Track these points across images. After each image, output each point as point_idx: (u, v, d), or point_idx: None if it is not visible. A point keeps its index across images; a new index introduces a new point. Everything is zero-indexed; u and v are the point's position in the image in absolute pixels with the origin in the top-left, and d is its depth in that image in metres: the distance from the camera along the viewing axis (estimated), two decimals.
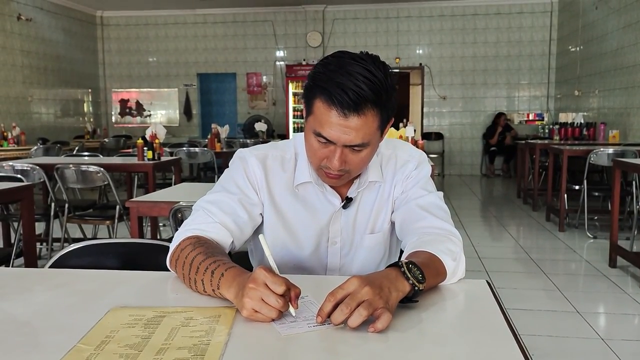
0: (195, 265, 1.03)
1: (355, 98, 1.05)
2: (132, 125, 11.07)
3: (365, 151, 1.13)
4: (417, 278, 0.95)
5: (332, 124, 1.08)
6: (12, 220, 3.94)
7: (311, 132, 1.13)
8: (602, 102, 7.59)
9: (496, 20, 9.87)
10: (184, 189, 2.86)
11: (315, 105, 1.10)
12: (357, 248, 1.31)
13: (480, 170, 10.24)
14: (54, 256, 1.33)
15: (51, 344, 0.82)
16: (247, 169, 1.25)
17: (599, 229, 5.12)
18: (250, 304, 0.89)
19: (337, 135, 1.08)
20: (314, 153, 1.15)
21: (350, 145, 1.10)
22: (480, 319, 0.94)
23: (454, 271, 1.09)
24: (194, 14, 10.59)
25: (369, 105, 1.06)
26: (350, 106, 1.05)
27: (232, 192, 1.23)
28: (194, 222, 1.19)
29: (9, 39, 8.38)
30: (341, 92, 1.05)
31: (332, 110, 1.07)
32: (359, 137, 1.09)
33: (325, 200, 1.27)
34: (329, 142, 1.10)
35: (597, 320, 3.03)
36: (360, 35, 10.22)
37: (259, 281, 0.89)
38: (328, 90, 1.06)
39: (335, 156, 1.11)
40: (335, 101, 1.05)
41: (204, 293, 1.03)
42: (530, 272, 3.93)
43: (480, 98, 10.12)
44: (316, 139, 1.12)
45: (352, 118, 1.06)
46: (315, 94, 1.10)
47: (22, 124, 7.96)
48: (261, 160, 1.26)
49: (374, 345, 0.82)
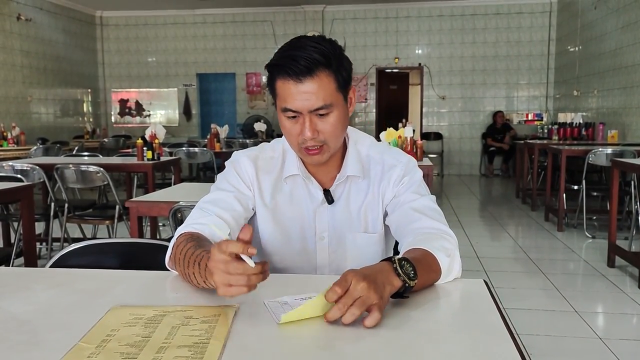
0: (187, 259, 1.05)
1: (306, 63, 1.13)
2: (132, 125, 11.07)
3: (332, 115, 1.18)
4: (408, 275, 0.97)
5: (293, 94, 1.15)
6: (12, 220, 3.95)
7: (281, 114, 1.20)
8: (601, 102, 7.61)
9: (495, 20, 9.89)
10: (183, 189, 2.87)
11: (277, 85, 1.18)
12: (349, 246, 1.32)
13: (479, 170, 10.25)
14: (55, 256, 1.33)
15: (52, 342, 0.83)
16: (239, 169, 1.32)
17: (598, 229, 5.13)
18: (218, 280, 0.88)
19: (299, 103, 1.15)
20: (290, 133, 1.21)
21: (315, 110, 1.16)
22: (477, 318, 0.95)
23: (449, 268, 1.10)
24: (193, 14, 10.59)
25: (321, 67, 1.14)
26: (303, 71, 1.13)
27: (226, 190, 1.29)
28: (191, 218, 1.24)
29: (9, 39, 8.38)
30: (293, 62, 1.13)
31: (289, 81, 1.14)
32: (319, 100, 1.15)
33: (308, 194, 1.31)
34: (296, 113, 1.17)
35: (595, 320, 3.04)
36: (359, 36, 10.23)
37: (215, 257, 0.88)
38: (282, 65, 1.15)
39: (305, 125, 1.17)
40: (290, 72, 1.13)
41: (200, 286, 1.04)
42: (529, 271, 3.94)
43: (479, 98, 10.13)
44: (286, 118, 1.19)
45: (308, 83, 1.14)
46: (274, 75, 1.18)
47: (21, 124, 7.96)
48: (252, 160, 1.32)
49: (371, 344, 0.83)
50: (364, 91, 10.38)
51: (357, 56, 10.26)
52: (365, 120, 10.51)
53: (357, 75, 10.30)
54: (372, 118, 10.47)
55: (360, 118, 10.52)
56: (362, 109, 10.50)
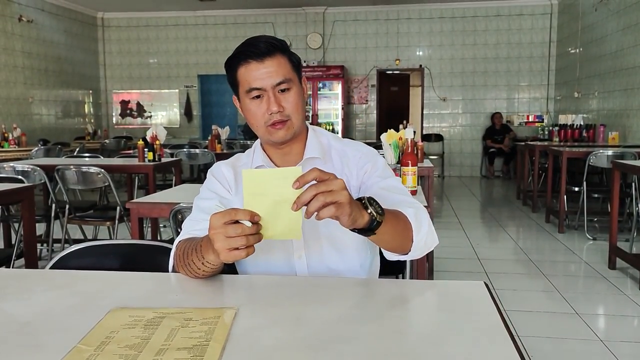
0: (186, 252, 1.14)
1: (266, 46, 1.25)
2: (133, 126, 11.08)
3: (292, 92, 1.28)
4: (376, 210, 1.03)
5: (256, 73, 1.25)
6: (12, 221, 3.95)
7: (246, 98, 1.28)
8: (601, 103, 7.60)
9: (496, 22, 9.88)
10: (184, 190, 2.87)
11: (238, 74, 1.28)
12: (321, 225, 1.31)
13: (480, 171, 10.24)
14: (55, 257, 1.33)
15: (51, 344, 0.83)
16: (218, 175, 1.39)
17: (599, 231, 5.12)
18: (220, 246, 0.98)
19: (263, 80, 1.25)
20: (255, 115, 1.28)
21: (277, 84, 1.26)
22: (477, 321, 0.94)
23: (418, 219, 1.17)
24: (194, 15, 10.60)
25: (278, 51, 1.27)
26: (263, 53, 1.25)
27: (209, 198, 1.35)
28: (185, 229, 1.31)
29: (10, 40, 8.39)
30: (254, 47, 1.25)
31: (251, 63, 1.25)
32: (280, 75, 1.26)
33: None
34: (260, 92, 1.26)
35: (596, 322, 3.03)
36: (360, 37, 10.24)
37: (214, 225, 0.98)
38: (244, 52, 1.26)
39: (271, 100, 1.25)
40: (253, 55, 1.25)
41: (201, 272, 1.12)
42: (530, 273, 3.93)
43: (480, 100, 10.13)
44: (251, 100, 1.27)
45: (268, 61, 1.25)
46: (234, 67, 1.28)
47: (23, 125, 7.97)
48: (231, 165, 1.41)
49: (370, 346, 0.83)
50: (364, 93, 10.38)
51: (358, 58, 10.27)
52: (366, 121, 10.51)
53: (358, 76, 10.31)
54: (372, 120, 10.46)
55: (361, 119, 10.52)
56: (362, 111, 10.50)
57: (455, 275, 3.92)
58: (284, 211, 0.96)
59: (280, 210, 0.97)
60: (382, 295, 1.10)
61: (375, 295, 1.10)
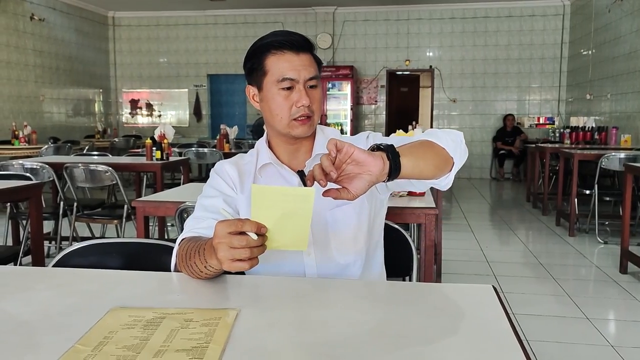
0: (189, 253, 1.12)
1: (303, 41, 1.26)
2: (142, 125, 11.12)
3: (318, 90, 1.29)
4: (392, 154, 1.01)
5: (291, 62, 1.24)
6: (21, 218, 3.96)
7: (274, 88, 1.26)
8: (614, 106, 7.52)
9: (507, 22, 9.81)
10: (191, 189, 2.86)
11: (268, 62, 1.26)
12: (329, 223, 1.33)
13: (489, 173, 10.18)
14: (57, 255, 1.32)
15: (48, 344, 0.81)
16: (222, 174, 1.38)
17: (610, 234, 5.06)
18: (223, 256, 0.96)
19: (298, 71, 1.24)
20: (282, 106, 1.26)
21: (310, 78, 1.26)
22: (485, 325, 0.92)
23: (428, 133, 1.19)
24: (204, 15, 10.62)
25: (310, 50, 1.28)
26: (302, 45, 1.25)
27: (213, 196, 1.33)
28: (188, 227, 1.29)
29: (22, 39, 8.45)
30: (288, 37, 1.25)
31: (286, 53, 1.24)
32: (313, 70, 1.27)
33: (284, 181, 1.35)
34: (292, 83, 1.25)
35: (606, 327, 2.99)
36: (370, 37, 10.20)
37: (219, 234, 0.96)
38: (276, 42, 1.24)
39: (302, 93, 1.25)
40: (287, 44, 1.24)
41: (203, 275, 1.10)
42: (539, 277, 3.89)
43: (491, 101, 10.06)
44: (281, 90, 1.26)
45: (303, 55, 1.26)
46: (263, 55, 1.26)
47: (33, 123, 8.02)
48: (234, 164, 1.40)
49: (375, 350, 0.80)
50: (374, 93, 10.35)
51: (368, 58, 10.24)
52: (375, 122, 10.47)
53: (368, 77, 10.28)
54: (382, 120, 10.43)
55: (370, 120, 10.49)
56: (372, 111, 10.47)
57: (463, 278, 3.88)
58: (291, 223, 0.95)
59: (287, 221, 0.95)
60: (387, 298, 1.08)
61: (381, 298, 1.08)
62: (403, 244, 1.59)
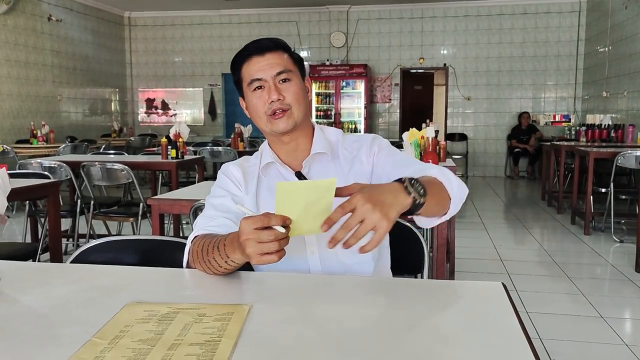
0: (206, 249, 1.14)
1: (267, 43, 1.32)
2: (158, 124, 11.22)
3: (293, 83, 1.32)
4: (418, 192, 1.02)
5: (257, 64, 1.30)
6: (39, 216, 4.03)
7: (248, 92, 1.32)
8: (631, 103, 7.43)
9: (522, 20, 9.73)
10: (205, 187, 2.89)
11: (242, 71, 1.33)
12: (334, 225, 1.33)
13: (504, 171, 10.11)
14: (75, 252, 1.36)
15: (67, 337, 0.84)
16: (228, 174, 1.41)
17: (626, 233, 5.01)
18: (252, 251, 0.98)
19: (264, 71, 1.30)
20: (256, 106, 1.32)
21: (278, 74, 1.30)
22: (493, 321, 0.93)
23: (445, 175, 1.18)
24: (219, 14, 10.68)
25: (280, 48, 1.32)
26: (265, 48, 1.31)
27: (222, 196, 1.36)
28: (199, 226, 1.30)
29: (40, 39, 8.57)
30: (255, 44, 1.32)
31: (253, 57, 1.31)
32: (280, 65, 1.30)
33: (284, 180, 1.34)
34: (261, 82, 1.30)
35: (622, 326, 2.96)
36: (384, 36, 10.19)
37: (246, 231, 0.98)
38: (246, 51, 1.32)
39: (271, 89, 1.29)
40: (253, 49, 1.31)
41: (221, 270, 1.12)
42: (554, 275, 3.86)
43: (505, 99, 9.99)
44: (254, 91, 1.31)
45: (268, 55, 1.30)
46: (238, 67, 1.34)
47: (51, 123, 8.14)
48: (239, 165, 1.43)
49: (384, 346, 0.82)
50: (388, 92, 10.33)
51: (382, 56, 10.22)
52: (389, 120, 10.45)
53: (382, 75, 10.26)
54: (395, 118, 10.41)
55: (384, 118, 10.47)
56: (386, 110, 10.45)
57: (477, 276, 3.87)
58: (313, 211, 0.98)
59: (309, 211, 0.98)
60: (396, 295, 1.09)
61: (390, 295, 1.09)
62: (415, 241, 1.60)
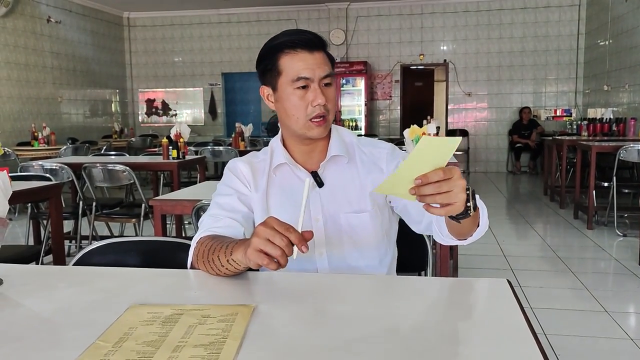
0: (213, 248, 1.13)
1: (316, 38, 1.26)
2: (159, 124, 11.21)
3: (332, 88, 1.28)
4: (474, 206, 1.02)
5: (305, 61, 1.24)
6: (41, 218, 4.03)
7: (289, 87, 1.25)
8: (632, 96, 7.41)
9: (522, 14, 9.71)
10: (207, 187, 2.88)
11: (281, 62, 1.25)
12: (343, 226, 1.33)
13: (506, 167, 10.09)
14: (77, 254, 1.35)
15: (70, 340, 0.84)
16: (235, 172, 1.38)
17: (629, 227, 5.00)
18: (257, 242, 0.97)
19: (313, 70, 1.24)
20: (298, 106, 1.26)
21: (324, 76, 1.25)
22: (499, 319, 0.92)
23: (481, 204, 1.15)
24: (218, 13, 10.67)
25: (324, 48, 1.28)
26: (316, 44, 1.25)
27: (228, 194, 1.34)
28: (205, 226, 1.28)
29: (39, 41, 8.57)
30: (301, 35, 1.24)
31: (299, 52, 1.24)
32: (327, 68, 1.26)
33: (299, 181, 1.34)
34: (308, 82, 1.24)
35: (626, 320, 2.96)
36: (383, 33, 10.16)
37: (268, 224, 0.98)
38: (289, 41, 1.24)
39: (318, 92, 1.24)
40: (300, 43, 1.24)
41: (223, 271, 1.10)
42: (558, 270, 3.86)
43: (506, 94, 9.97)
44: (296, 89, 1.25)
45: (317, 54, 1.25)
46: (276, 55, 1.26)
47: (52, 124, 8.13)
48: (247, 162, 1.39)
49: (391, 345, 0.81)
50: (388, 88, 10.31)
51: (382, 53, 10.20)
52: (389, 117, 10.44)
53: (382, 72, 10.24)
54: (396, 115, 10.39)
55: (385, 115, 10.46)
56: (386, 106, 10.43)
57: (480, 272, 3.87)
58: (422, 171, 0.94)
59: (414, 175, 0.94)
60: (401, 293, 1.08)
61: (395, 293, 1.09)
62: (418, 239, 1.60)
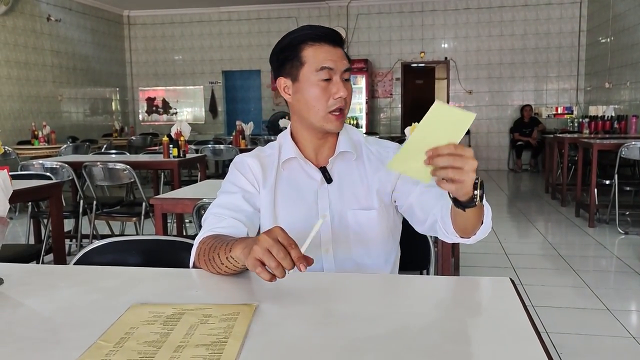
0: (214, 246, 1.12)
1: (336, 33, 1.30)
2: (159, 123, 11.21)
3: (350, 84, 1.31)
4: (480, 196, 1.04)
5: (329, 53, 1.27)
6: (42, 217, 4.03)
7: (313, 77, 1.26)
8: (633, 94, 7.39)
9: (523, 12, 9.69)
10: (208, 186, 2.88)
11: (305, 53, 1.27)
12: (350, 223, 1.33)
13: (507, 165, 10.08)
14: (78, 253, 1.35)
15: (72, 340, 0.83)
16: (242, 169, 1.36)
17: (631, 225, 4.99)
18: (257, 251, 0.95)
19: (336, 62, 1.27)
20: (320, 97, 1.27)
21: (345, 70, 1.28)
22: (502, 317, 0.92)
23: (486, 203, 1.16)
24: (218, 11, 10.65)
25: (342, 46, 1.31)
26: (338, 40, 1.29)
27: (233, 192, 1.33)
28: (208, 225, 1.27)
29: (39, 40, 8.56)
30: (325, 30, 1.28)
31: (324, 45, 1.27)
32: (347, 63, 1.29)
33: (307, 177, 1.34)
34: (330, 73, 1.26)
35: (628, 318, 2.95)
36: (384, 30, 10.15)
37: (272, 234, 0.95)
38: (313, 34, 1.27)
39: (340, 85, 1.26)
40: (324, 35, 1.27)
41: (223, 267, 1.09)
42: (559, 268, 3.85)
43: (507, 92, 9.95)
44: (320, 80, 1.26)
45: (339, 49, 1.29)
46: (299, 46, 1.27)
47: (52, 123, 8.13)
48: (256, 157, 1.38)
49: (394, 345, 0.81)
50: (389, 86, 10.30)
51: (382, 51, 10.19)
52: (390, 115, 10.43)
53: (383, 70, 10.23)
54: (397, 113, 10.38)
55: (386, 113, 10.45)
56: (387, 104, 10.42)
57: (482, 270, 3.86)
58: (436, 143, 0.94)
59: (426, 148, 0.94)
60: (405, 292, 1.08)
61: (398, 292, 1.08)
62: (420, 237, 1.59)
